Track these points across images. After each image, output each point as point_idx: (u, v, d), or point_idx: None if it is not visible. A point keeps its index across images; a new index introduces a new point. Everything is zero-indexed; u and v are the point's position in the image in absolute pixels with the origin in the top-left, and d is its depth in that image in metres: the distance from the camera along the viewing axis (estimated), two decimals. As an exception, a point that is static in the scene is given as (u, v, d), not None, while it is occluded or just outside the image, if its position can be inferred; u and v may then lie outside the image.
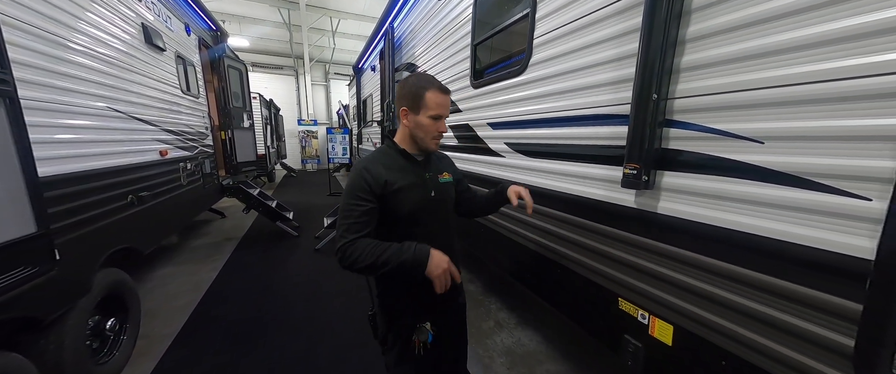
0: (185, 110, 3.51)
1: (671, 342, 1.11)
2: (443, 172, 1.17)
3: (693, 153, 1.02)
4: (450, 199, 1.19)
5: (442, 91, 1.03)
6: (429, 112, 1.02)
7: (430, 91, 1.01)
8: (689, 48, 1.02)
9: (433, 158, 1.18)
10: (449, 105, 1.06)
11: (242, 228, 4.92)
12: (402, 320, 1.13)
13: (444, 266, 0.94)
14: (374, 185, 1.00)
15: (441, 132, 1.07)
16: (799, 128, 0.78)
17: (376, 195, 1.00)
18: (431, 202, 1.10)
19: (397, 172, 1.05)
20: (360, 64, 6.85)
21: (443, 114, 1.04)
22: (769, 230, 0.84)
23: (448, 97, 1.06)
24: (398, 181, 1.04)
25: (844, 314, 0.72)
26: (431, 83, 1.03)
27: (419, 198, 1.07)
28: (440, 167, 1.18)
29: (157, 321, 2.46)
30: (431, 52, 3.10)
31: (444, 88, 1.04)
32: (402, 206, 1.03)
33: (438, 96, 1.02)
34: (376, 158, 1.08)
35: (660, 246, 1.12)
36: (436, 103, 1.02)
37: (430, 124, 1.04)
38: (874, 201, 0.67)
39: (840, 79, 0.72)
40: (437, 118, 1.04)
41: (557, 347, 2.25)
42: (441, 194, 1.13)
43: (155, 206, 2.62)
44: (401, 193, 1.03)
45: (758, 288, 0.87)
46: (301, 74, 12.75)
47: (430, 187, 1.10)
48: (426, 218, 1.09)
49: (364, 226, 0.97)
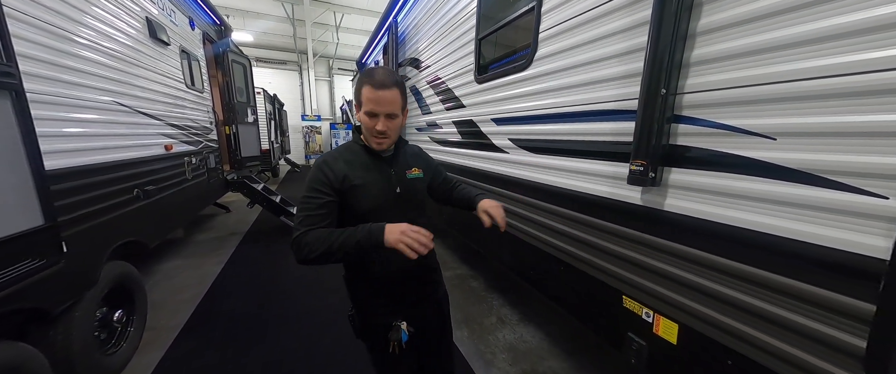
0: (190, 105, 3.52)
1: (676, 341, 1.10)
2: (411, 168, 1.12)
3: (702, 150, 1.00)
4: (420, 195, 1.15)
5: (375, 86, 0.91)
6: (363, 108, 0.95)
7: (364, 86, 0.93)
8: (699, 42, 0.99)
9: (402, 154, 1.12)
10: (388, 101, 0.92)
11: (247, 222, 4.96)
12: (376, 319, 1.10)
13: (401, 229, 0.87)
14: (333, 179, 0.97)
15: (379, 130, 0.95)
16: (813, 124, 0.76)
17: (335, 190, 0.97)
18: (396, 199, 1.05)
19: (358, 168, 1.01)
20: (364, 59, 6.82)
21: (376, 110, 0.93)
22: (780, 229, 0.82)
23: (387, 93, 0.92)
24: (358, 177, 0.99)
25: (856, 314, 0.70)
26: (370, 77, 0.93)
27: (380, 194, 1.02)
28: (408, 163, 1.13)
29: (164, 313, 2.49)
30: (435, 47, 3.07)
31: (382, 82, 0.92)
32: (361, 202, 1.00)
33: (370, 91, 0.92)
34: (338, 154, 1.04)
35: (666, 244, 1.11)
36: (367, 99, 0.93)
37: (366, 121, 0.96)
38: (891, 199, 0.65)
39: (856, 73, 0.69)
40: (372, 115, 0.94)
41: (560, 344, 2.24)
42: (407, 190, 1.08)
43: (160, 200, 2.64)
44: (359, 189, 0.99)
45: (767, 287, 0.85)
46: (305, 69, 12.76)
47: (394, 183, 1.05)
48: (390, 215, 1.00)
49: (320, 219, 0.94)
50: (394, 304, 1.09)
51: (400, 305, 1.09)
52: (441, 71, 2.96)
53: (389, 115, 0.95)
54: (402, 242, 0.85)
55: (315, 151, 12.99)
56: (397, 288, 1.09)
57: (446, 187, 1.28)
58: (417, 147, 1.25)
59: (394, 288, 1.08)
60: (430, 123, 3.28)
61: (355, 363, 1.97)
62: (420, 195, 1.16)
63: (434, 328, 1.22)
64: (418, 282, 1.14)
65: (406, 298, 1.11)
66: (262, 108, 7.30)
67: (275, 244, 4.02)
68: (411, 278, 1.11)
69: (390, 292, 1.08)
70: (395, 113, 0.96)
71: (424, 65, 3.35)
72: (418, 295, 1.15)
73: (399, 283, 1.08)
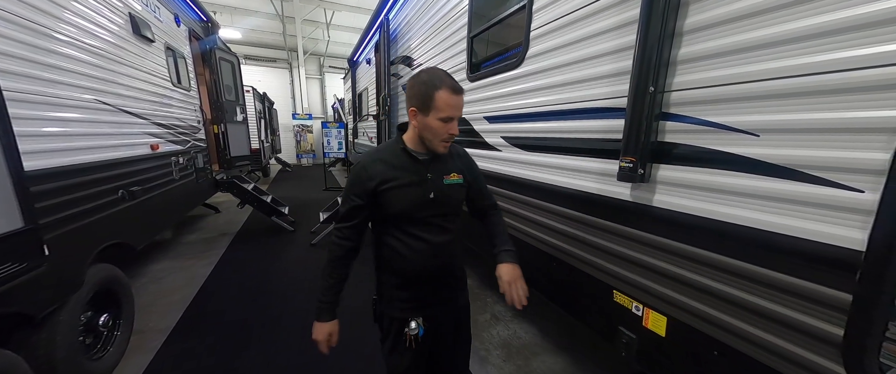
0: (177, 103, 3.44)
1: (664, 333, 1.13)
2: (450, 173, 1.10)
3: (689, 146, 1.02)
4: (454, 201, 1.12)
5: (454, 91, 0.95)
6: (439, 114, 0.96)
7: (440, 91, 0.94)
8: (686, 40, 1.01)
9: (443, 158, 1.10)
10: (462, 106, 0.99)
11: (237, 223, 4.88)
12: (393, 311, 1.14)
13: (317, 337, 1.12)
14: (367, 182, 1.03)
15: (452, 135, 1.00)
16: (794, 120, 0.78)
17: (368, 193, 1.04)
18: (428, 204, 1.06)
19: (396, 169, 1.04)
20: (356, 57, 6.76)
21: (454, 115, 0.97)
22: (763, 223, 0.85)
23: (461, 97, 0.98)
24: (393, 179, 1.02)
25: (834, 304, 0.73)
26: (443, 82, 0.95)
27: (414, 198, 1.04)
28: (449, 168, 1.11)
29: (152, 316, 2.44)
30: (427, 45, 3.06)
31: (457, 88, 0.96)
32: (393, 204, 1.03)
33: (450, 97, 0.94)
34: (377, 155, 1.08)
35: (655, 239, 1.13)
36: (446, 104, 0.95)
37: (440, 127, 0.98)
38: (867, 192, 0.68)
39: (834, 71, 0.72)
40: (448, 120, 0.97)
41: (553, 339, 2.28)
42: (442, 195, 1.08)
43: (147, 201, 2.58)
44: (393, 191, 1.03)
45: (751, 279, 0.88)
46: (295, 67, 12.57)
47: (429, 187, 1.06)
48: (422, 219, 1.06)
49: (351, 218, 1.08)
50: (412, 301, 1.13)
51: (418, 303, 1.12)
52: (433, 69, 2.95)
53: (459, 118, 1.01)
54: (318, 340, 1.12)
55: (306, 151, 12.82)
56: (416, 287, 1.12)
57: (480, 205, 1.24)
58: (462, 148, 1.21)
59: (413, 286, 1.12)
60: (423, 122, 3.28)
61: (352, 363, 1.97)
62: (454, 202, 1.13)
63: (448, 332, 1.24)
64: (438, 284, 1.15)
65: (425, 298, 1.13)
66: (251, 106, 7.17)
67: (267, 245, 3.97)
68: (432, 280, 1.13)
69: (410, 289, 1.11)
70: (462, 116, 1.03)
71: (417, 63, 3.34)
72: (437, 298, 1.16)
73: (418, 283, 1.11)
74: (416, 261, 1.08)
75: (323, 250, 3.79)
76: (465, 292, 1.26)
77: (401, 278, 1.11)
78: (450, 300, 1.20)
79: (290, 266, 3.36)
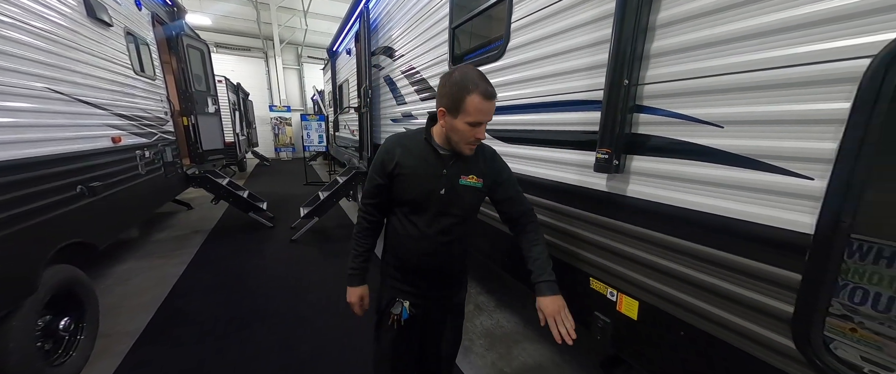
0: (140, 93, 3.22)
1: (636, 317, 1.18)
2: (469, 175, 1.06)
3: (660, 138, 1.06)
4: (466, 204, 1.09)
5: (486, 96, 0.92)
6: (467, 118, 0.93)
7: (472, 95, 0.91)
8: (658, 34, 1.04)
9: (467, 158, 1.06)
10: (493, 111, 0.96)
11: (212, 219, 4.68)
12: (386, 289, 1.19)
13: (353, 300, 1.17)
14: (387, 163, 1.06)
15: (478, 139, 0.99)
16: (754, 112, 0.83)
17: (387, 174, 1.06)
18: (438, 200, 1.05)
19: (415, 158, 1.05)
20: (335, 47, 6.55)
21: (483, 121, 0.95)
22: (725, 210, 0.90)
23: (492, 103, 0.94)
24: (408, 167, 1.04)
25: (786, 283, 0.79)
26: (476, 86, 0.91)
27: (425, 190, 1.04)
28: (470, 169, 1.07)
29: (120, 318, 2.31)
30: (409, 36, 3.00)
31: (490, 93, 0.93)
32: (404, 191, 1.06)
33: (481, 102, 0.91)
34: (401, 139, 1.10)
35: (628, 227, 1.18)
36: (476, 110, 0.92)
37: (467, 130, 0.96)
38: (816, 180, 0.73)
39: (789, 66, 0.76)
40: (476, 125, 0.95)
41: (534, 327, 2.34)
42: (455, 195, 1.05)
43: (109, 197, 2.42)
44: (406, 179, 1.04)
45: (713, 263, 0.94)
46: (271, 56, 12.04)
47: (443, 183, 1.04)
48: (429, 212, 1.06)
49: (374, 196, 1.12)
50: (406, 285, 1.16)
51: (411, 289, 1.16)
52: (415, 60, 2.91)
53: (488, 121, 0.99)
54: (351, 302, 1.17)
55: (285, 144, 12.38)
56: (412, 275, 1.15)
57: (511, 213, 1.16)
58: (492, 150, 1.16)
59: (409, 273, 1.15)
60: (406, 114, 3.24)
61: (336, 363, 1.95)
62: (466, 204, 1.09)
63: (437, 328, 1.27)
64: (434, 279, 1.17)
65: (418, 288, 1.16)
66: (224, 97, 6.83)
67: (244, 242, 3.83)
68: (427, 274, 1.15)
69: (405, 274, 1.15)
70: None
71: (398, 54, 3.28)
72: (430, 292, 1.18)
73: (414, 272, 1.14)
74: (415, 252, 1.10)
75: (305, 246, 3.70)
76: (461, 292, 1.27)
77: (399, 261, 1.14)
78: (443, 298, 1.21)
79: (271, 263, 3.26)
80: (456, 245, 1.13)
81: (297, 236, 3.88)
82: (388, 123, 3.77)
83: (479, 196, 1.11)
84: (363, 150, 4.33)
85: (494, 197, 1.15)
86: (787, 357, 0.81)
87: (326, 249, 3.68)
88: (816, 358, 0.75)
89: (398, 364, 1.24)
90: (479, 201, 1.13)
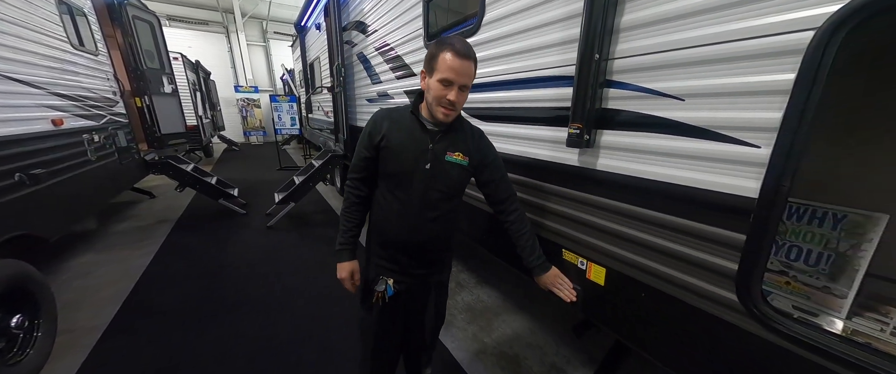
0: (82, 70, 2.90)
1: (604, 283, 1.26)
2: (455, 151, 1.07)
3: (628, 112, 1.10)
4: (451, 180, 1.09)
5: (457, 54, 0.93)
6: (439, 75, 0.95)
7: (445, 53, 0.94)
8: (628, 7, 1.05)
9: (454, 134, 1.08)
10: (466, 73, 0.95)
11: (178, 208, 4.43)
12: (371, 266, 1.20)
13: (343, 276, 1.17)
14: (374, 135, 1.06)
15: (450, 100, 0.97)
16: (711, 85, 0.87)
17: (374, 146, 1.06)
18: (422, 174, 1.05)
19: (402, 131, 1.05)
20: (303, 22, 6.12)
21: (453, 79, 0.94)
22: (685, 179, 0.96)
23: (466, 63, 0.94)
24: (394, 140, 1.04)
25: (731, 243, 0.86)
26: (451, 45, 0.94)
27: (410, 164, 1.04)
28: (456, 145, 1.07)
29: (81, 313, 2.19)
30: (382, 9, 2.86)
31: (463, 52, 0.93)
32: (390, 164, 1.06)
33: (452, 59, 0.92)
34: (389, 112, 1.10)
35: (598, 200, 1.23)
36: (448, 67, 0.93)
37: (439, 90, 0.96)
38: (762, 147, 0.79)
39: (742, 39, 0.80)
40: (447, 84, 0.95)
41: (513, 300, 2.45)
42: (440, 171, 1.06)
43: (55, 185, 2.22)
44: (392, 151, 1.04)
45: (672, 229, 1.01)
46: (233, 31, 11.13)
47: (428, 158, 1.04)
48: (414, 186, 1.06)
49: (361, 170, 1.12)
50: (390, 262, 1.17)
51: (395, 266, 1.17)
52: (389, 36, 2.79)
53: (463, 86, 0.97)
54: (342, 278, 1.17)
55: (255, 128, 11.71)
56: (396, 252, 1.15)
57: (496, 197, 1.19)
58: (481, 131, 1.18)
59: (393, 249, 1.15)
60: (382, 94, 3.13)
61: (318, 346, 1.96)
62: (452, 181, 1.10)
63: (420, 305, 1.29)
64: (418, 257, 1.17)
65: (402, 265, 1.16)
66: (181, 76, 6.30)
67: (216, 230, 3.67)
68: (411, 250, 1.15)
69: (389, 251, 1.15)
70: (468, 85, 0.99)
71: (372, 29, 3.13)
72: (414, 270, 1.18)
73: (397, 249, 1.15)
74: (399, 228, 1.10)
75: (282, 233, 3.61)
76: (445, 272, 1.29)
77: (383, 237, 1.14)
78: (426, 276, 1.23)
79: (246, 251, 3.16)
80: (440, 222, 1.14)
81: (273, 223, 3.77)
82: (364, 104, 3.64)
83: (464, 174, 1.12)
84: (339, 132, 4.18)
85: (481, 179, 1.18)
86: (731, 309, 0.90)
87: (305, 233, 3.61)
88: (755, 308, 0.84)
89: (382, 336, 1.27)
90: (465, 180, 1.15)
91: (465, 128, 1.13)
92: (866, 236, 0.99)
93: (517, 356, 1.91)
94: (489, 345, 1.99)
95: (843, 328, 0.97)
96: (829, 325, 0.97)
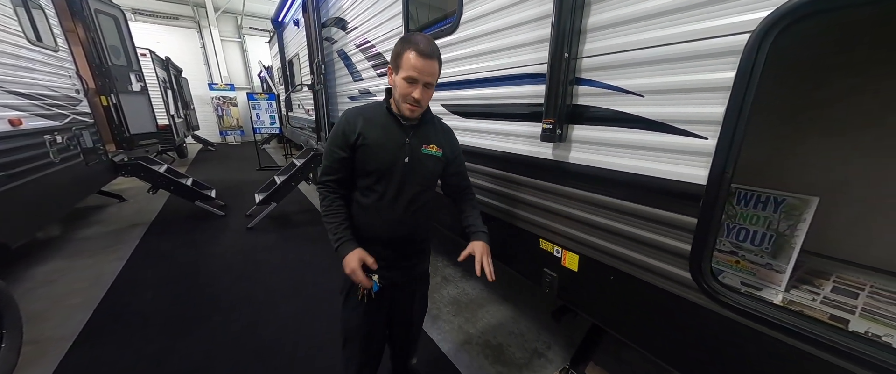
0: (40, 67, 2.74)
1: (577, 269, 1.34)
2: (430, 144, 1.12)
3: (596, 108, 1.17)
4: (428, 172, 1.14)
5: (420, 54, 0.96)
6: (403, 74, 0.98)
7: (409, 52, 0.96)
8: (594, 10, 1.12)
9: (426, 126, 1.13)
10: (430, 72, 0.98)
11: (151, 211, 4.25)
12: None
13: (352, 266, 1.05)
14: (349, 134, 1.05)
15: (415, 98, 1.00)
16: (666, 82, 0.95)
17: (350, 145, 1.05)
18: (402, 168, 1.08)
19: (376, 128, 1.06)
20: (281, 17, 5.96)
21: (417, 77, 0.98)
22: (645, 169, 1.04)
23: (429, 62, 0.97)
24: (371, 137, 1.05)
25: (685, 226, 0.95)
26: (415, 44, 0.97)
27: (389, 159, 1.06)
28: (430, 139, 1.13)
29: (49, 322, 2.09)
30: (362, 6, 2.85)
31: (426, 52, 0.96)
32: (368, 162, 1.06)
33: (416, 59, 0.95)
34: (362, 110, 1.09)
35: (570, 190, 1.31)
36: (411, 66, 0.96)
37: (403, 86, 1.00)
38: (709, 139, 0.88)
39: (690, 40, 0.88)
40: (411, 82, 0.98)
41: (497, 292, 2.53)
42: (418, 164, 1.10)
43: (15, 189, 2.10)
44: (370, 149, 1.05)
45: (635, 216, 1.09)
46: (205, 26, 10.67)
47: (406, 152, 1.08)
48: (393, 182, 1.08)
49: (335, 172, 1.09)
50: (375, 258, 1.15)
51: (380, 260, 1.14)
52: (369, 33, 2.79)
53: (427, 84, 1.00)
54: (352, 269, 1.05)
55: (232, 127, 11.31)
56: (378, 247, 1.14)
57: (456, 185, 1.27)
58: (447, 125, 1.24)
59: (375, 245, 1.14)
60: (364, 91, 3.12)
61: (302, 343, 1.96)
62: (429, 173, 1.15)
63: (405, 296, 1.31)
64: (400, 249, 1.19)
65: (384, 259, 1.15)
66: (151, 73, 6.01)
67: (193, 233, 3.56)
68: (393, 244, 1.16)
69: (371, 247, 1.12)
70: (432, 83, 1.02)
71: (351, 26, 3.11)
72: (397, 262, 1.20)
73: (380, 243, 1.15)
74: (382, 223, 1.12)
75: (263, 234, 3.54)
76: (425, 261, 1.32)
77: (365, 235, 1.14)
78: (409, 267, 1.25)
79: (226, 253, 3.09)
80: (421, 213, 1.18)
81: (254, 224, 3.69)
82: (346, 101, 3.61)
83: (439, 165, 1.17)
84: (320, 130, 4.12)
85: (448, 171, 1.23)
86: (686, 286, 0.99)
87: (287, 234, 3.56)
88: (706, 284, 0.93)
89: (369, 333, 1.28)
90: (440, 171, 1.19)
91: (434, 122, 1.18)
92: (801, 217, 1.10)
93: (501, 345, 1.98)
94: (474, 335, 2.05)
95: (782, 299, 1.08)
96: (771, 297, 1.08)
